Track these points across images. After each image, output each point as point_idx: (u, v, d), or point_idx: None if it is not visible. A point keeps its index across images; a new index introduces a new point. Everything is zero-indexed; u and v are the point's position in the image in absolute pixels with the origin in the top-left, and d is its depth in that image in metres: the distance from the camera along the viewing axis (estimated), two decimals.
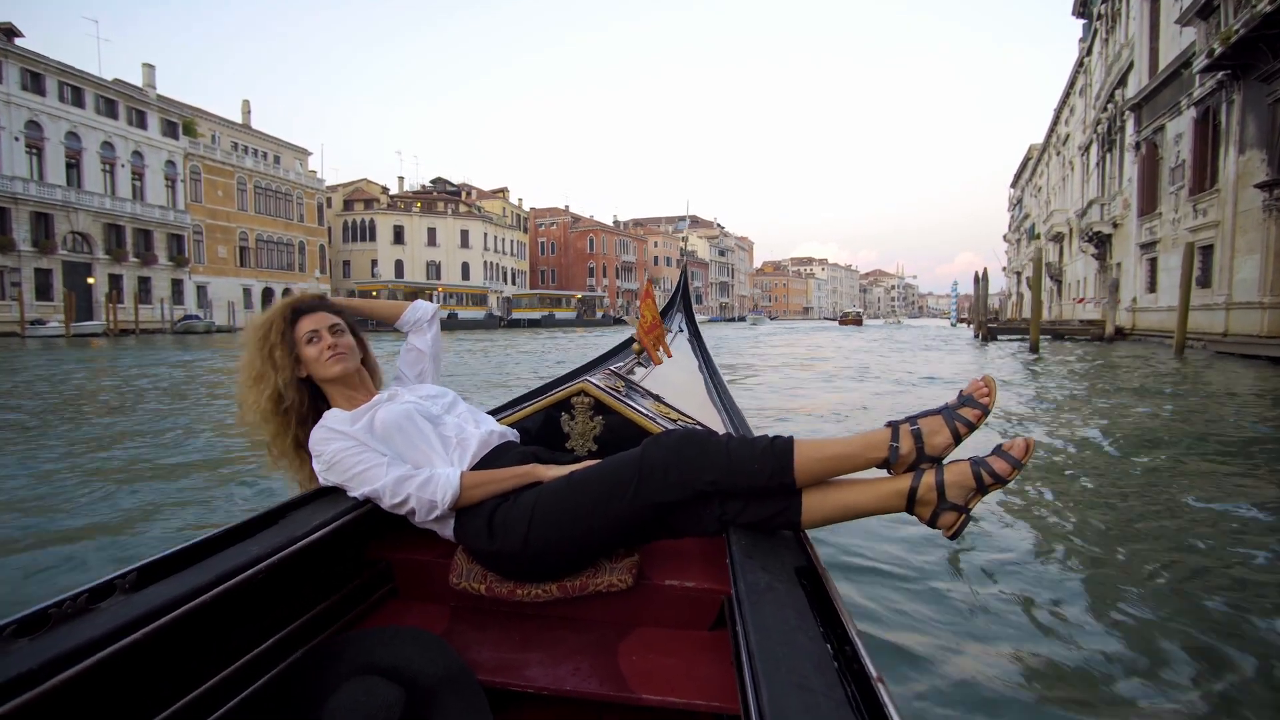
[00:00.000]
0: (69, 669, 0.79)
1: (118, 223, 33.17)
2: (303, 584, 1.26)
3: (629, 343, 2.88)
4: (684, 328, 4.42)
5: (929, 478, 1.19)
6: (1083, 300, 28.29)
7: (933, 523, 1.21)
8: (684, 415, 1.98)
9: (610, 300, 67.91)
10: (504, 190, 64.18)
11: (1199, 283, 14.87)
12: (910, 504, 1.21)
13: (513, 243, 61.25)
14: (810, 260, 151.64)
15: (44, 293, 29.81)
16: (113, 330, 29.35)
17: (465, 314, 46.80)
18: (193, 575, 1.02)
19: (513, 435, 1.64)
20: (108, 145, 33.30)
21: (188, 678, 0.99)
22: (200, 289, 37.84)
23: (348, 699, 0.97)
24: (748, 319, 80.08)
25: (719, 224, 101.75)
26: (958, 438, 1.21)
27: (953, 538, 1.20)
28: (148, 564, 1.03)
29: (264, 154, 44.47)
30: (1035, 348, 14.99)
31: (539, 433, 1.90)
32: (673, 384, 2.58)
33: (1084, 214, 27.51)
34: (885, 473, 1.26)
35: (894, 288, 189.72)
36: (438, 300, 46.10)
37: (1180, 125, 16.99)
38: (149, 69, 36.35)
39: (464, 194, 60.43)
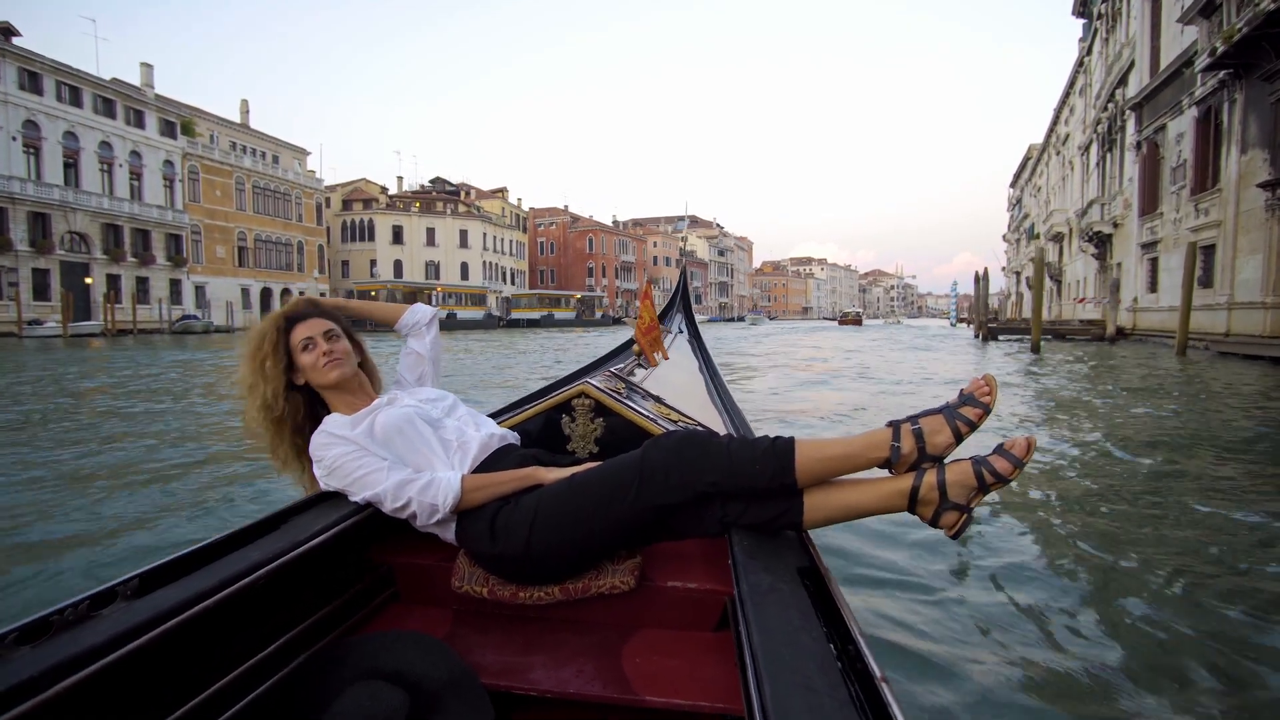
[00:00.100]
0: (71, 676, 0.79)
1: (115, 222, 33.05)
2: (305, 589, 1.25)
3: (629, 344, 2.87)
4: (684, 329, 4.40)
5: (931, 477, 1.19)
6: (1083, 300, 28.26)
7: (935, 522, 1.21)
8: (685, 416, 1.98)
9: (609, 300, 67.85)
10: (503, 190, 64.09)
11: (1201, 283, 14.82)
12: (912, 504, 1.20)
13: (512, 243, 61.17)
14: (809, 260, 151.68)
15: (41, 293, 29.69)
16: (110, 330, 29.27)
17: (464, 314, 46.68)
18: (195, 581, 1.01)
19: (513, 438, 1.63)
20: (105, 145, 33.18)
21: (190, 684, 0.98)
22: (198, 289, 37.73)
23: (351, 704, 0.97)
24: (746, 319, 79.95)
25: (718, 224, 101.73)
26: (959, 437, 1.21)
27: (955, 537, 1.20)
28: (149, 570, 1.03)
29: (262, 154, 44.34)
30: (1037, 348, 14.94)
31: (539, 435, 1.89)
32: (673, 385, 2.57)
33: (1084, 214, 27.47)
34: (887, 472, 1.25)
35: (893, 288, 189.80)
36: (436, 300, 46.05)
37: (1182, 124, 16.94)
38: (147, 68, 36.24)
39: (463, 194, 60.32)
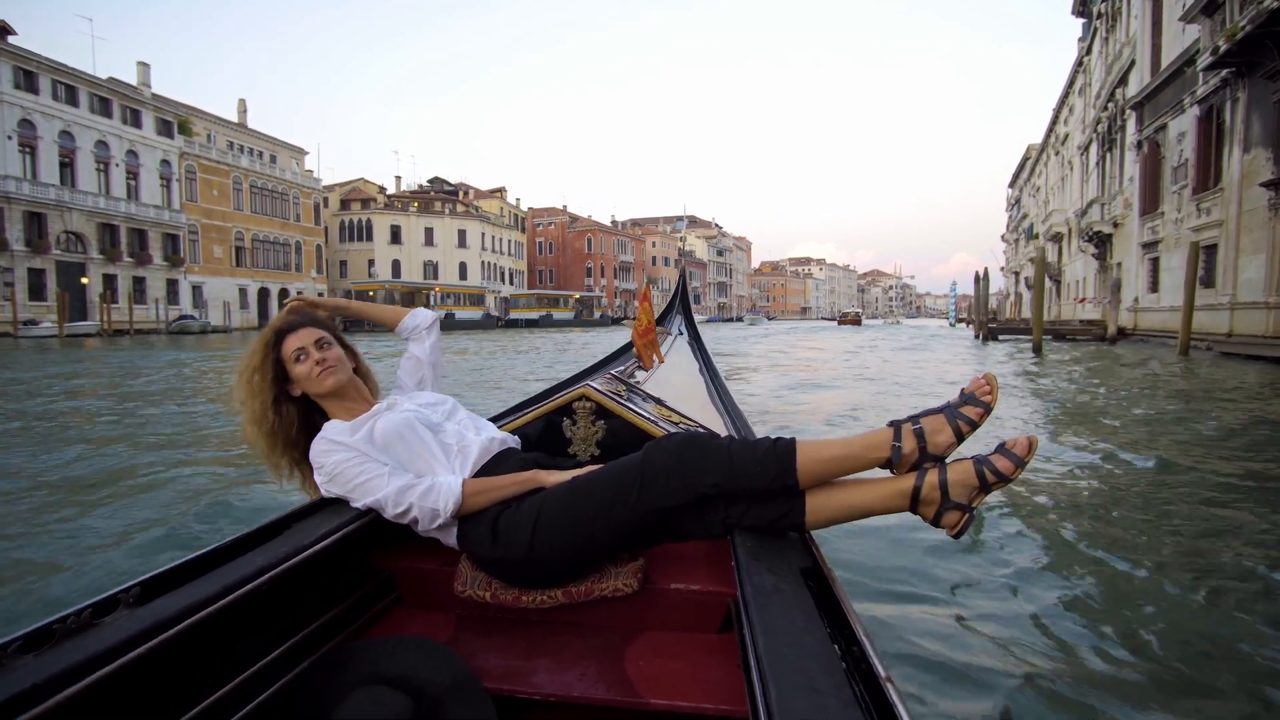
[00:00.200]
0: (74, 685, 0.79)
1: (112, 222, 32.89)
2: (308, 594, 1.25)
3: (629, 346, 2.84)
4: (684, 330, 4.38)
5: (932, 477, 1.19)
6: (1084, 300, 28.20)
7: (936, 522, 1.21)
8: (686, 418, 1.98)
9: (608, 300, 67.76)
10: (502, 190, 63.98)
11: (1203, 283, 14.75)
12: (914, 503, 1.20)
13: (510, 243, 61.05)
14: (808, 260, 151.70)
15: (37, 293, 29.49)
16: (107, 330, 29.13)
17: (462, 314, 46.54)
18: (197, 588, 1.01)
19: (514, 442, 1.63)
20: (102, 144, 33.01)
21: (193, 691, 0.98)
22: (196, 289, 37.56)
23: (355, 709, 0.96)
24: (745, 319, 79.86)
25: (717, 224, 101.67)
26: (960, 436, 1.21)
27: (957, 537, 1.19)
28: (152, 577, 1.02)
29: (260, 153, 44.18)
30: (1038, 348, 14.85)
31: (540, 439, 1.88)
32: (674, 387, 2.56)
33: (1084, 214, 27.42)
34: (888, 473, 1.25)
35: (891, 288, 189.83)
36: (435, 300, 45.94)
37: (1183, 124, 16.88)
38: (144, 67, 36.08)
39: (461, 194, 60.18)
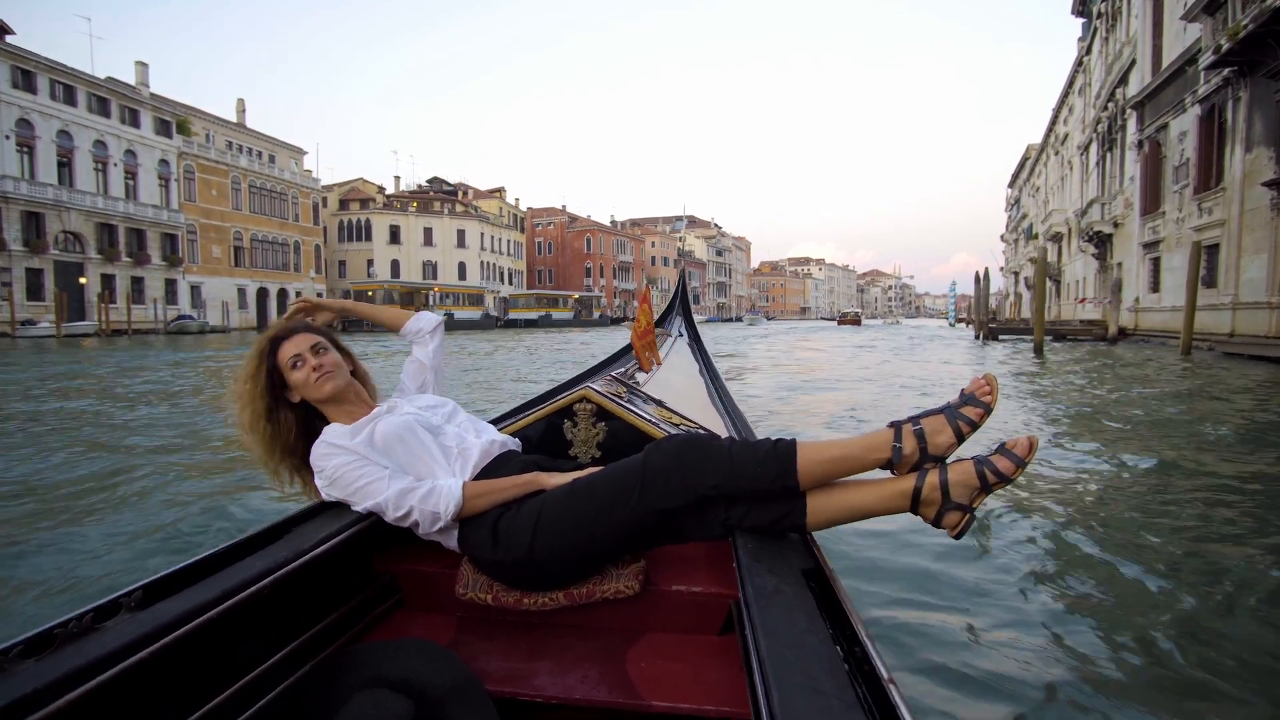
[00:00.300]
0: (76, 689, 0.79)
1: (110, 222, 32.79)
2: (309, 597, 1.25)
3: (630, 348, 2.83)
4: (684, 332, 4.38)
5: (933, 477, 1.19)
6: (1084, 300, 28.16)
7: (937, 523, 1.20)
8: (686, 420, 1.98)
9: (607, 300, 67.68)
10: (501, 190, 63.89)
11: (1204, 282, 14.70)
12: (914, 504, 1.20)
13: (509, 242, 60.96)
14: (808, 260, 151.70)
15: (35, 293, 29.40)
16: (105, 331, 29.05)
17: (462, 314, 46.46)
18: (199, 591, 1.01)
19: (514, 444, 1.63)
20: (100, 144, 32.91)
21: (195, 695, 0.98)
22: (194, 289, 37.46)
23: (357, 712, 0.96)
24: (744, 319, 79.67)
25: (716, 224, 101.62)
26: (961, 437, 1.21)
27: (958, 537, 1.19)
28: (153, 581, 1.02)
29: (259, 153, 44.09)
30: (1040, 349, 14.78)
31: (541, 441, 1.87)
32: (674, 388, 2.57)
33: (1084, 213, 27.37)
34: (889, 473, 1.25)
35: (891, 288, 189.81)
36: (434, 300, 45.87)
37: (1184, 123, 16.83)
38: (142, 67, 35.98)
39: (461, 194, 60.11)
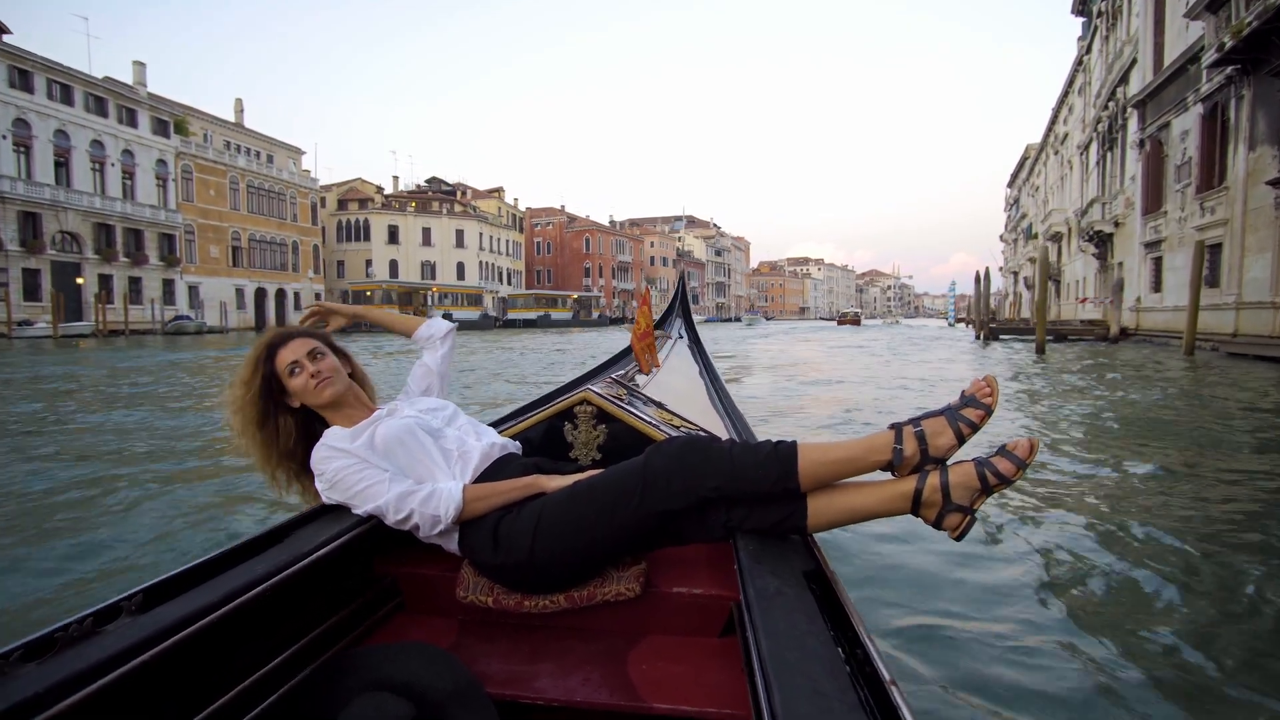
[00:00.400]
0: (76, 693, 0.79)
1: (108, 222, 32.66)
2: (310, 601, 1.24)
3: (630, 349, 2.81)
4: (684, 333, 4.39)
5: (934, 479, 1.19)
6: (1085, 300, 28.10)
7: (938, 524, 1.20)
8: (687, 422, 1.97)
9: (606, 300, 67.58)
10: (500, 190, 63.81)
11: (1207, 282, 14.60)
12: (915, 506, 1.20)
13: (508, 242, 60.87)
14: (807, 260, 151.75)
15: (32, 293, 29.24)
16: (102, 331, 28.94)
17: (460, 314, 46.29)
18: (199, 595, 1.01)
19: (514, 447, 1.63)
20: (97, 144, 32.79)
21: (196, 699, 0.97)
22: (192, 289, 37.33)
23: (358, 715, 0.96)
24: (743, 319, 79.50)
25: (715, 224, 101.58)
26: (961, 439, 1.21)
27: (958, 539, 1.20)
28: (154, 585, 1.02)
29: (257, 153, 43.98)
30: (1042, 348, 14.71)
31: (542, 443, 1.87)
32: (675, 390, 2.57)
33: (1084, 213, 27.31)
34: (890, 475, 1.25)
35: (890, 288, 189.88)
36: (432, 300, 45.77)
37: (1187, 122, 16.76)
38: (139, 66, 35.85)
39: (459, 193, 60.03)
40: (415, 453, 1.45)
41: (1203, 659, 1.88)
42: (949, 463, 1.22)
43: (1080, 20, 31.03)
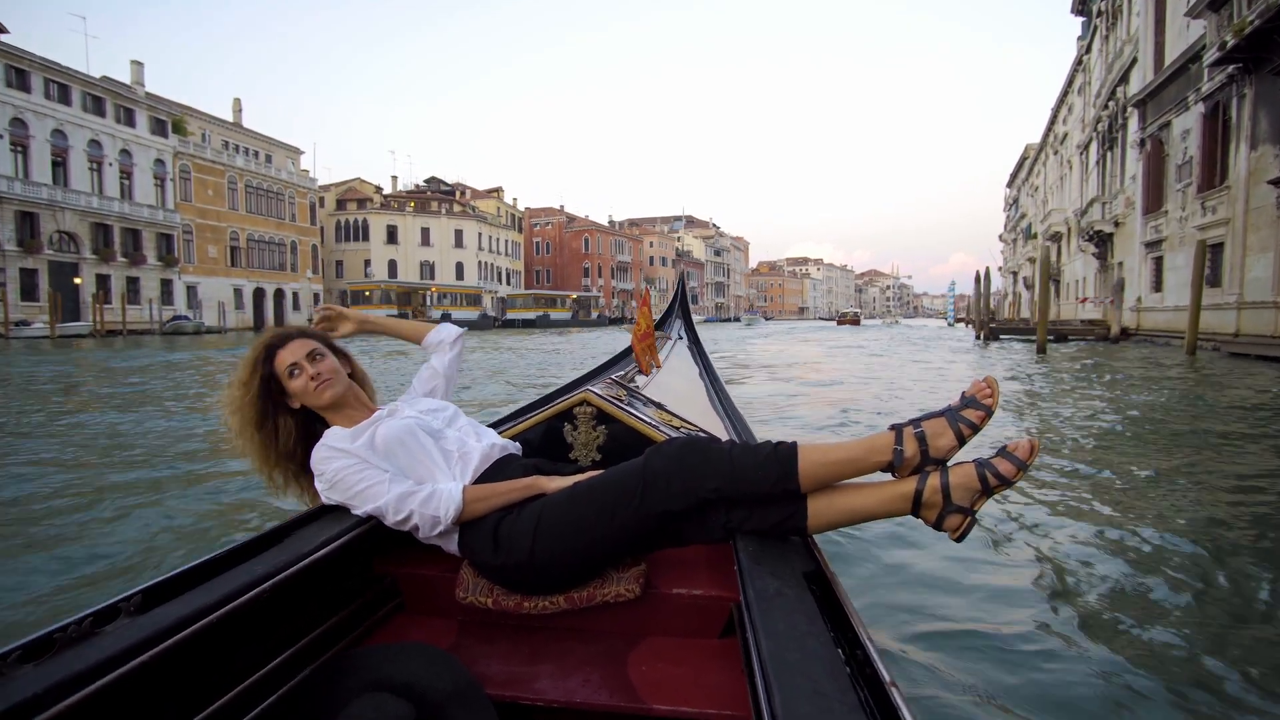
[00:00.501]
0: (75, 694, 0.79)
1: (105, 222, 32.58)
2: (309, 601, 1.24)
3: (630, 350, 2.82)
4: (684, 334, 4.40)
5: (934, 480, 1.19)
6: (1085, 300, 28.07)
7: (938, 525, 1.20)
8: (687, 422, 1.97)
9: (605, 300, 67.52)
10: (499, 190, 63.76)
11: (1208, 282, 14.55)
12: (915, 507, 1.20)
13: (507, 242, 60.81)
14: (806, 260, 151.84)
15: (29, 293, 29.16)
16: (99, 331, 28.86)
17: (459, 314, 46.28)
18: (198, 596, 1.01)
19: (514, 448, 1.63)
20: (95, 143, 32.71)
21: (195, 699, 0.97)
22: (190, 289, 37.26)
23: (357, 716, 0.96)
24: (742, 319, 79.40)
25: (714, 224, 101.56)
26: (961, 440, 1.21)
27: (959, 540, 1.19)
28: (153, 585, 1.02)
29: (255, 153, 43.93)
30: (1043, 348, 14.66)
31: (541, 444, 1.87)
32: (675, 391, 2.57)
33: (1084, 213, 27.28)
34: (890, 476, 1.25)
35: (889, 288, 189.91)
36: (431, 300, 45.70)
37: (1187, 121, 16.72)
38: (137, 66, 35.79)
39: (458, 193, 59.94)
40: (416, 453, 1.46)
41: (1203, 660, 1.86)
42: (949, 464, 1.22)
43: (1080, 20, 31.01)
